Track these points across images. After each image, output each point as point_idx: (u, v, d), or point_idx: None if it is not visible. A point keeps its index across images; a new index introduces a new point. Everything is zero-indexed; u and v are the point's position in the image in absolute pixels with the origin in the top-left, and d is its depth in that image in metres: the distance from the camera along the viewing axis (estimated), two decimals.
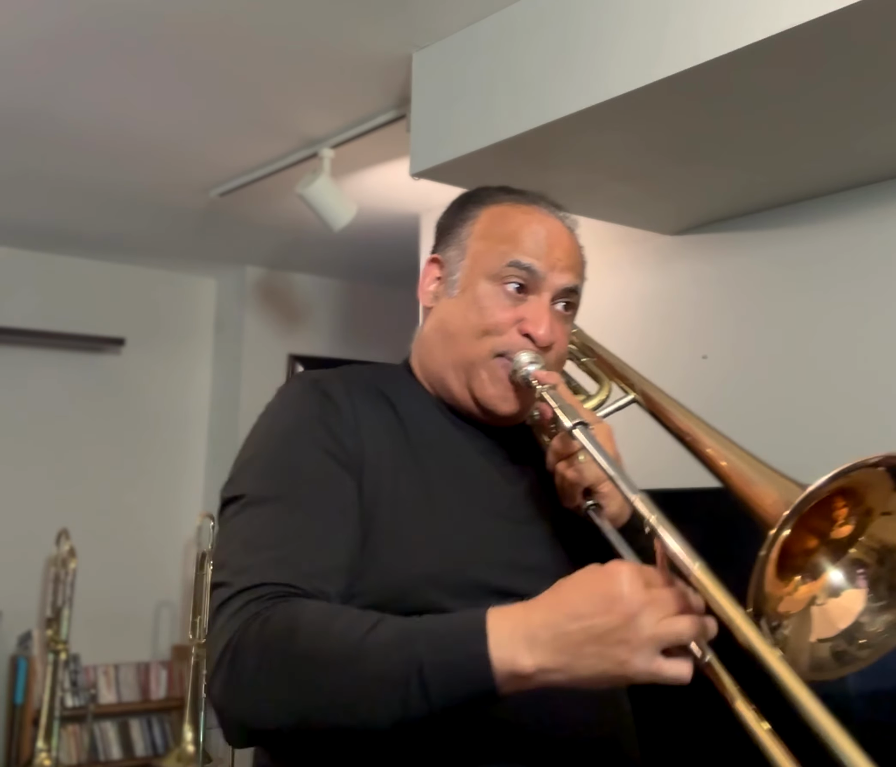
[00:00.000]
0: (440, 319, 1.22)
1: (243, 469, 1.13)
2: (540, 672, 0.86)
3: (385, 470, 1.10)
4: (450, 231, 1.25)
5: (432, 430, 1.18)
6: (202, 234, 4.22)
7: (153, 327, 4.76)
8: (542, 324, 1.15)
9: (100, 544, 4.39)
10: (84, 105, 2.83)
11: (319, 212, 3.02)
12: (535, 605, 0.89)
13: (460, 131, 2.30)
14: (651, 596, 0.85)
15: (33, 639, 4.22)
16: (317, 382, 1.15)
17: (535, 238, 1.18)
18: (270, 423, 1.16)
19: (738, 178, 2.36)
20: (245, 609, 0.96)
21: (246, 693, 0.92)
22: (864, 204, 2.37)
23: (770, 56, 1.72)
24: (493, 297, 1.17)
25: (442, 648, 0.87)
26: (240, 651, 0.93)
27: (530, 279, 1.16)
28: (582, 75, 2.00)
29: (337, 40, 2.40)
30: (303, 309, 4.90)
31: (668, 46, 1.83)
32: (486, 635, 0.87)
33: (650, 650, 0.84)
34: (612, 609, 0.85)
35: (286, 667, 0.91)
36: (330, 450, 1.08)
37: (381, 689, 0.87)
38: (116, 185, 3.56)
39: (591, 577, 0.88)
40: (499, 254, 1.17)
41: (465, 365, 1.17)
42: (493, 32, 2.25)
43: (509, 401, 1.17)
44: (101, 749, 4.31)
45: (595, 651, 0.85)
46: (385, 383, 1.21)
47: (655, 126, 2.08)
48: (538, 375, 1.13)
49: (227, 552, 1.04)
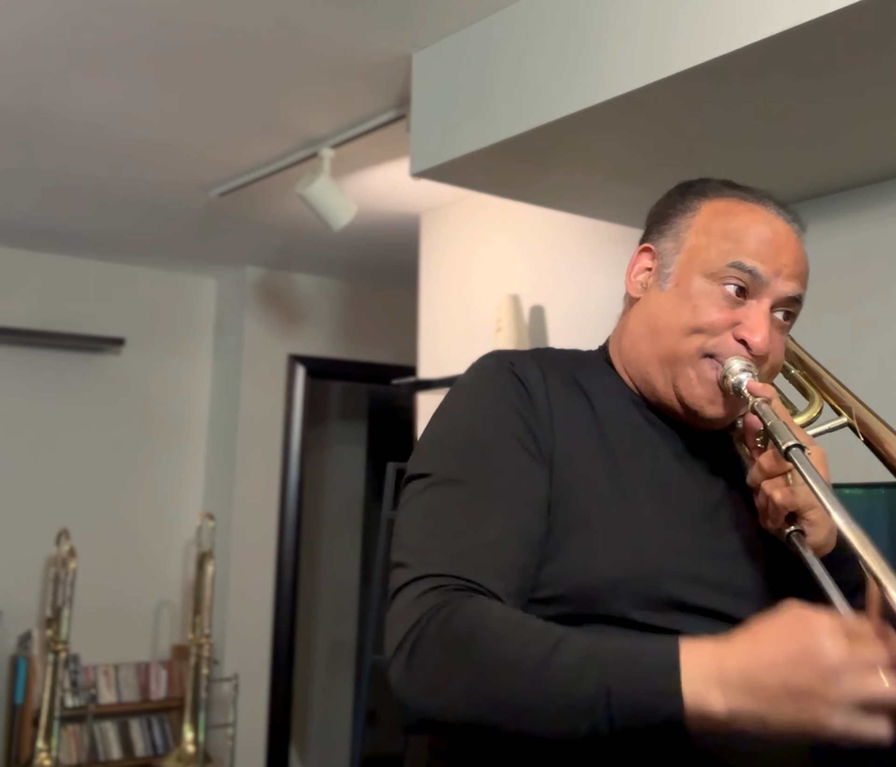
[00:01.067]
0: (648, 312, 1.16)
1: (431, 446, 1.10)
2: (732, 716, 0.83)
3: (576, 463, 1.07)
4: (665, 221, 1.19)
5: (627, 426, 1.14)
6: (202, 234, 4.22)
7: (153, 327, 4.76)
8: (760, 332, 1.09)
9: (100, 544, 4.39)
10: (84, 105, 2.83)
11: (319, 212, 3.03)
12: (729, 648, 0.85)
13: (460, 131, 2.30)
14: (853, 653, 0.80)
15: (33, 639, 4.22)
16: (513, 364, 1.11)
17: (761, 239, 1.11)
18: (463, 403, 1.12)
19: (737, 179, 2.36)
20: (426, 597, 0.95)
21: (424, 683, 0.93)
22: (864, 204, 2.37)
23: (770, 56, 1.72)
24: (709, 296, 1.11)
25: (633, 678, 0.85)
26: (422, 641, 0.93)
27: (752, 283, 1.10)
28: (582, 75, 2.00)
29: (337, 40, 2.40)
30: (303, 309, 4.90)
31: (669, 47, 1.83)
32: (680, 670, 0.84)
33: (849, 710, 0.80)
34: (810, 663, 0.80)
35: (468, 668, 0.90)
36: (522, 440, 1.05)
37: (566, 707, 0.86)
38: (117, 185, 3.56)
39: (790, 626, 0.84)
40: (720, 253, 1.11)
41: (671, 360, 1.12)
42: (493, 32, 2.25)
43: (716, 405, 1.11)
44: (101, 750, 4.31)
45: (791, 705, 0.81)
46: (581, 372, 1.17)
47: (655, 126, 2.08)
48: (752, 387, 1.07)
49: (409, 531, 1.03)
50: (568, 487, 1.05)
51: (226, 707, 4.30)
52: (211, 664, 4.22)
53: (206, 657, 4.17)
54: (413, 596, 0.96)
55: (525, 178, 2.45)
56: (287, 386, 4.80)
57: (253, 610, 4.60)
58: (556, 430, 1.07)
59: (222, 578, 4.48)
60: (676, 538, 1.07)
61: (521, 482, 1.04)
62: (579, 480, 1.06)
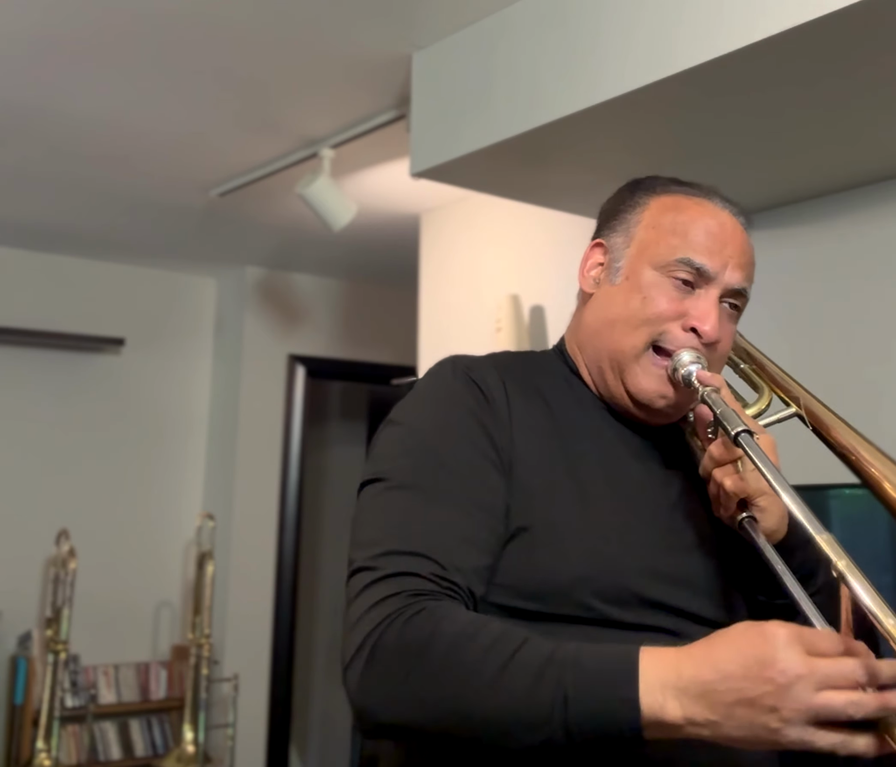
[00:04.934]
0: (601, 306, 1.19)
1: (388, 451, 1.10)
2: (688, 724, 0.84)
3: (537, 468, 1.07)
4: (616, 216, 1.21)
5: (586, 428, 1.15)
6: (202, 234, 4.22)
7: (153, 327, 4.76)
8: (709, 320, 1.11)
9: (100, 544, 4.39)
10: (84, 105, 2.83)
11: (319, 212, 3.03)
12: (687, 656, 0.86)
13: (460, 131, 2.30)
14: (808, 664, 0.80)
15: (33, 639, 4.22)
16: (470, 369, 1.12)
17: (708, 232, 1.13)
18: (420, 408, 1.12)
19: (737, 179, 2.36)
20: (387, 602, 0.95)
21: (382, 690, 0.92)
22: (864, 204, 2.37)
23: (770, 56, 1.72)
24: (658, 287, 1.13)
25: (590, 685, 0.86)
26: (380, 646, 0.93)
27: (699, 277, 1.13)
28: (582, 75, 2.00)
29: (337, 40, 2.40)
30: (303, 309, 4.90)
31: (668, 47, 1.83)
32: (638, 678, 0.85)
33: (802, 722, 0.80)
34: (763, 675, 0.81)
35: (426, 674, 0.90)
36: (478, 444, 1.06)
37: (523, 715, 0.86)
38: (116, 185, 3.56)
39: (745, 636, 0.84)
40: (669, 247, 1.14)
41: (618, 357, 1.14)
42: (493, 32, 2.25)
43: (667, 399, 1.13)
44: (101, 750, 4.31)
45: (745, 715, 0.82)
46: (539, 375, 1.18)
47: (655, 126, 2.08)
48: (701, 376, 1.09)
49: (366, 534, 1.03)
50: (529, 491, 1.06)
51: (226, 708, 4.30)
52: (211, 664, 4.22)
53: (206, 657, 4.16)
54: (371, 600, 0.96)
55: (525, 178, 2.45)
56: (287, 386, 4.80)
57: (253, 611, 4.60)
58: (515, 435, 1.08)
59: (222, 578, 4.48)
60: (637, 535, 1.08)
61: (475, 486, 1.04)
62: (540, 484, 1.07)
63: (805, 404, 1.19)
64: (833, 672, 0.80)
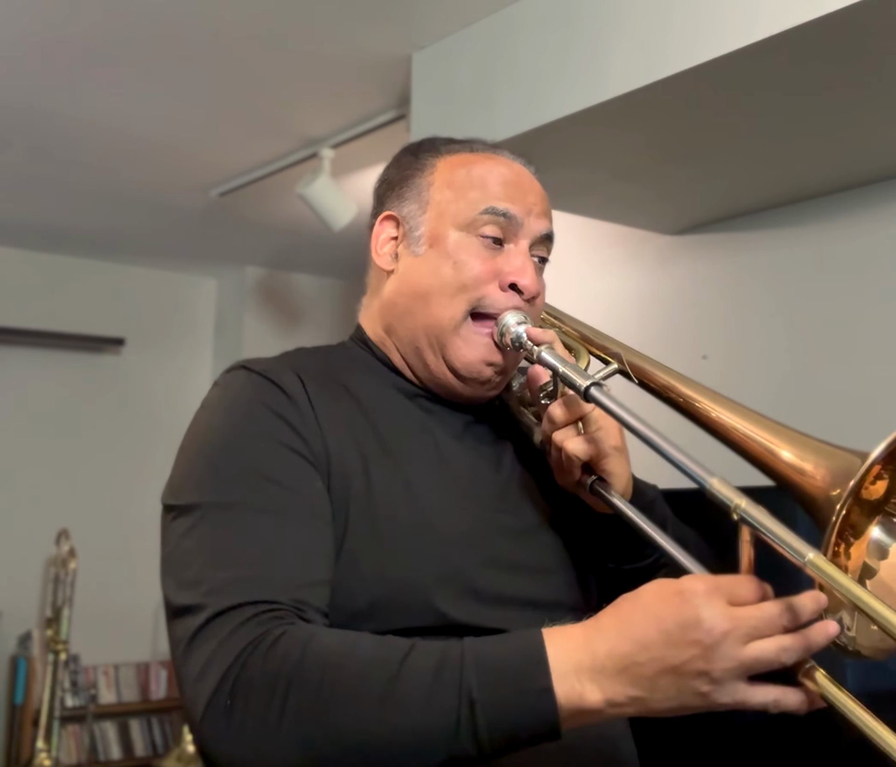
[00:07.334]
0: (407, 281, 1.06)
1: (191, 474, 0.95)
2: (610, 706, 0.76)
3: (354, 468, 0.96)
4: (403, 184, 1.12)
5: (401, 419, 1.04)
6: (202, 234, 4.22)
7: (153, 327, 4.76)
8: (528, 273, 1.03)
9: (100, 544, 4.39)
10: (84, 105, 2.83)
11: (319, 212, 3.03)
12: (596, 631, 0.77)
13: (460, 131, 2.28)
14: (734, 618, 0.74)
15: (33, 639, 4.22)
16: (265, 371, 0.99)
17: (506, 181, 1.06)
18: (219, 422, 0.98)
19: (738, 179, 2.36)
20: (239, 633, 0.81)
21: (254, 734, 0.78)
22: (864, 203, 2.37)
23: (770, 56, 1.72)
24: (468, 249, 1.04)
25: (496, 682, 0.76)
26: (242, 684, 0.78)
27: (507, 226, 1.04)
28: (582, 75, 2.01)
29: (337, 40, 2.40)
30: (303, 309, 4.90)
31: (668, 47, 1.83)
32: (548, 666, 0.76)
33: (734, 680, 0.74)
34: (688, 638, 0.73)
35: (304, 705, 0.77)
36: (291, 445, 0.93)
37: (422, 730, 0.75)
38: (116, 185, 3.56)
39: (660, 597, 0.76)
40: (469, 202, 1.05)
41: (436, 331, 1.03)
42: (492, 32, 2.25)
43: (494, 366, 1.04)
44: (101, 750, 4.31)
45: (671, 684, 0.74)
46: (341, 371, 1.06)
47: (655, 126, 2.08)
48: (532, 334, 1.01)
49: (189, 571, 0.87)
50: (347, 497, 0.94)
51: None
52: None
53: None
54: (217, 638, 0.81)
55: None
56: None
57: None
58: (326, 437, 0.96)
59: None
60: (474, 524, 0.99)
61: (303, 491, 0.92)
62: (359, 487, 0.95)
63: (626, 358, 1.10)
64: (759, 620, 0.74)
